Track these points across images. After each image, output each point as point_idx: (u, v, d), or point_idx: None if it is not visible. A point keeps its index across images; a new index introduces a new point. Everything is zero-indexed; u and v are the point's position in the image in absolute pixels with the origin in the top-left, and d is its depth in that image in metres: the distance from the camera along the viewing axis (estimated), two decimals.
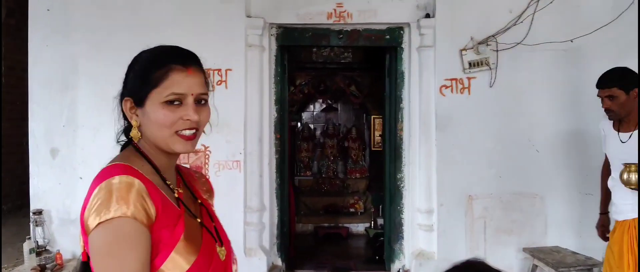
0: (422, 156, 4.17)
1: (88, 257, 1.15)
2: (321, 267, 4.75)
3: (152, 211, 1.11)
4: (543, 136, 4.12)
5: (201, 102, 1.24)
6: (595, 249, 4.05)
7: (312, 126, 8.01)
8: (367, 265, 5.02)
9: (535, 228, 4.13)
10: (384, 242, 4.80)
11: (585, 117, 4.10)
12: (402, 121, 4.34)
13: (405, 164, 4.34)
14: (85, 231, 1.11)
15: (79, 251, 4.07)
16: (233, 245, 1.42)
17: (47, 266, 3.83)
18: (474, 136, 4.07)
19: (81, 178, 4.10)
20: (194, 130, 1.22)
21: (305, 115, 8.05)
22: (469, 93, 4.07)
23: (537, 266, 3.85)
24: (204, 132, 1.30)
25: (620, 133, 3.01)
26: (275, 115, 4.36)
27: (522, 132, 4.11)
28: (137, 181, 1.12)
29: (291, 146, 7.63)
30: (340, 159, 7.70)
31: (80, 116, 4.09)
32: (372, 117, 7.41)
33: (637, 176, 2.76)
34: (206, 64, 3.80)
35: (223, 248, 1.28)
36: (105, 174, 1.14)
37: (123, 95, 1.29)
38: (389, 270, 4.55)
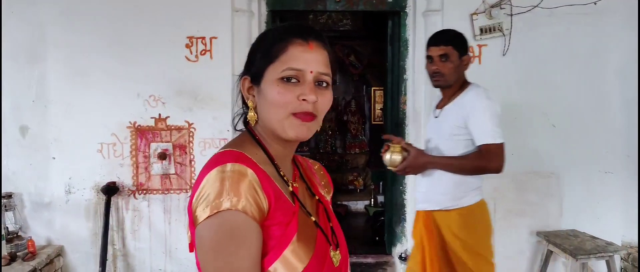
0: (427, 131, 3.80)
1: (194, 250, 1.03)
2: None
3: (265, 204, 0.99)
4: (560, 109, 3.76)
5: (322, 84, 1.09)
6: (615, 232, 3.75)
7: None
8: (367, 247, 4.70)
9: (550, 210, 3.81)
10: (385, 223, 4.47)
11: (607, 89, 3.75)
12: (405, 94, 3.97)
13: (409, 141, 3.97)
14: (193, 223, 0.99)
15: (54, 236, 3.76)
16: None
17: (18, 253, 3.52)
18: None
19: (54, 158, 3.75)
20: (311, 114, 1.07)
21: None
22: (480, 62, 3.69)
23: (552, 251, 3.53)
24: (319, 127, 1.14)
25: (436, 109, 2.72)
26: None
27: (537, 106, 3.75)
28: (250, 171, 0.99)
29: None
30: (339, 134, 7.36)
31: (51, 91, 3.72)
32: (373, 88, 7.02)
33: (401, 157, 2.55)
34: (188, 31, 3.39)
35: (338, 253, 1.15)
36: (215, 161, 1.01)
37: (242, 74, 1.16)
38: (390, 254, 4.24)
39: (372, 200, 6.15)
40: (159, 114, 3.73)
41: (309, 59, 1.06)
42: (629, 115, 3.74)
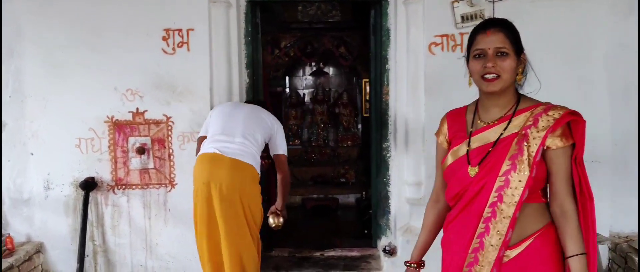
0: (409, 122, 3.74)
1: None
2: (303, 245, 4.38)
3: (445, 131, 1.83)
4: (544, 98, 3.64)
5: (501, 54, 1.63)
6: (603, 223, 3.67)
7: (301, 92, 7.56)
8: (354, 241, 4.64)
9: None
10: (371, 216, 4.41)
11: (592, 77, 3.66)
12: (387, 84, 3.90)
13: (392, 132, 3.91)
14: None
15: (33, 232, 3.71)
16: None
17: None
18: (467, 99, 3.56)
19: (32, 154, 3.72)
20: (494, 75, 1.62)
21: (294, 81, 7.60)
22: (462, 51, 3.59)
23: None
24: (505, 83, 1.65)
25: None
26: (247, 80, 3.91)
27: None
28: (445, 116, 1.86)
29: (279, 113, 7.22)
30: (331, 127, 7.30)
31: (27, 86, 3.68)
32: (363, 80, 6.94)
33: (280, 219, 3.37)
34: (165, 23, 3.32)
35: (474, 168, 1.67)
36: None
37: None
38: (375, 247, 4.19)
39: (364, 193, 6.09)
40: (137, 108, 3.68)
41: (487, 41, 1.63)
42: (615, 103, 3.65)
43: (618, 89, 3.64)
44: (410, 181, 3.75)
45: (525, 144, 1.62)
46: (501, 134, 1.67)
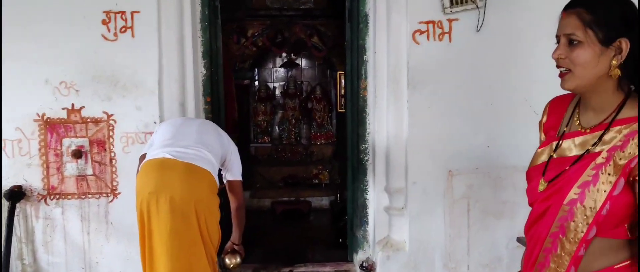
0: (390, 120, 3.30)
1: None
2: (270, 258, 3.90)
3: (544, 120, 1.53)
4: (543, 94, 3.12)
5: (572, 42, 1.30)
6: None
7: (271, 85, 7.07)
8: (328, 252, 4.17)
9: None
10: (347, 227, 3.95)
11: None
12: (365, 78, 3.44)
13: (370, 132, 3.46)
14: None
15: None
16: None
17: None
18: (456, 95, 3.20)
19: None
20: (563, 69, 1.33)
21: (263, 73, 7.10)
22: (450, 40, 3.17)
23: None
24: (579, 80, 1.31)
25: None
26: (204, 72, 3.41)
27: (517, 90, 3.24)
28: (547, 104, 1.55)
29: (246, 108, 6.73)
30: (304, 123, 6.84)
31: None
32: (338, 73, 6.47)
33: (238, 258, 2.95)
34: (104, 4, 2.74)
35: (544, 183, 1.36)
36: None
37: None
38: (351, 261, 3.73)
39: (339, 195, 5.63)
40: (72, 104, 3.17)
41: (560, 26, 1.33)
42: None
43: None
44: (391, 187, 3.30)
45: (603, 171, 1.26)
46: (588, 150, 1.31)
